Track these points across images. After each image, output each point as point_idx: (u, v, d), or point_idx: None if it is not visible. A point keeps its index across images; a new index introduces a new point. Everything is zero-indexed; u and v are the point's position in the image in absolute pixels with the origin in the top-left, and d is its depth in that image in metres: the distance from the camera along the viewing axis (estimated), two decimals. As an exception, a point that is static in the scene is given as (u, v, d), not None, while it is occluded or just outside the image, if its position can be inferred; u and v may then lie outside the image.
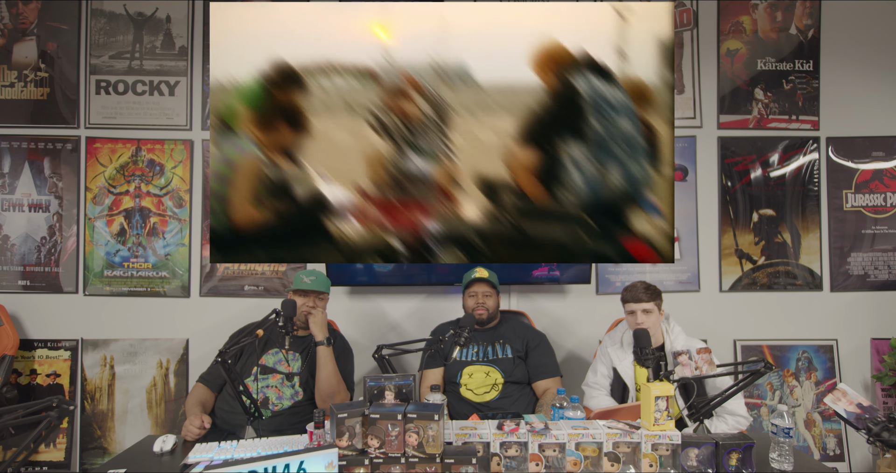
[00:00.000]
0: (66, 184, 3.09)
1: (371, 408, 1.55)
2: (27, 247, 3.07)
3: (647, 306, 2.25)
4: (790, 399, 3.13)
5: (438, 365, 2.53)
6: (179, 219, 3.11)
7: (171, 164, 3.11)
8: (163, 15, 3.13)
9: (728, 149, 3.19)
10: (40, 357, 3.05)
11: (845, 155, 3.21)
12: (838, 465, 3.05)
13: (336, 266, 2.94)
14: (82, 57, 3.11)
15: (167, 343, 3.09)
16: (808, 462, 1.92)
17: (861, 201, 3.20)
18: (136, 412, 3.06)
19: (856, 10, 3.20)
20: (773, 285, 3.18)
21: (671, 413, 1.69)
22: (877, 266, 3.18)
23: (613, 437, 1.65)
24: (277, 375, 2.27)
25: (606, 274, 3.17)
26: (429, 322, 2.90)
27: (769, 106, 3.20)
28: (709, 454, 1.65)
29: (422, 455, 1.52)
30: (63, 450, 3.01)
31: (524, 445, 1.63)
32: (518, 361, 2.49)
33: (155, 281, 3.09)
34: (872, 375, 3.12)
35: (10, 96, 3.10)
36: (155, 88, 3.12)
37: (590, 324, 3.08)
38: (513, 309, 3.03)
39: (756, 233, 3.19)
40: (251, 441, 1.84)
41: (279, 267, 3.12)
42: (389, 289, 3.12)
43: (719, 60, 3.21)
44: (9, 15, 3.10)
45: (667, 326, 2.36)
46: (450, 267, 2.97)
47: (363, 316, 3.12)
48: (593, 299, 3.15)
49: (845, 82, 3.20)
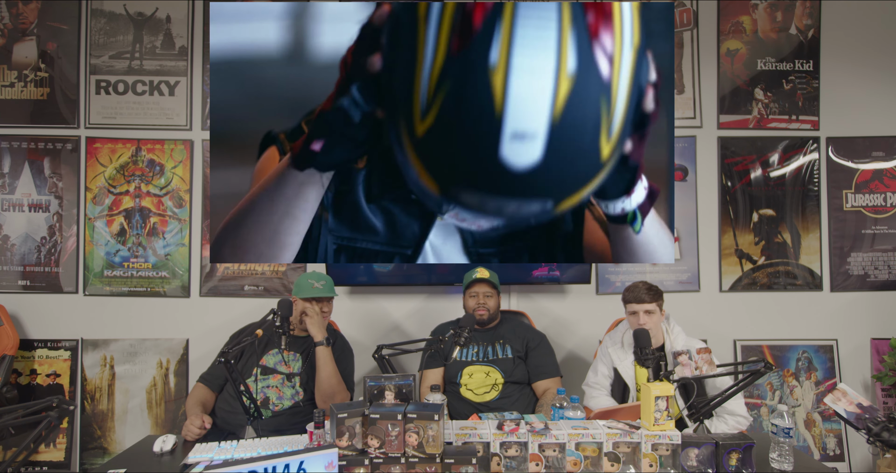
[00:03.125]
0: (66, 184, 3.09)
1: (371, 408, 1.56)
2: (27, 247, 3.07)
3: (649, 307, 2.25)
4: (790, 399, 3.13)
5: (438, 365, 2.53)
6: (179, 219, 3.11)
7: (171, 164, 3.11)
8: (163, 15, 3.13)
9: (728, 149, 3.19)
10: (40, 357, 3.05)
11: (845, 155, 3.21)
12: (838, 465, 3.05)
13: (336, 266, 2.94)
14: (82, 57, 3.11)
15: (167, 343, 3.09)
16: (808, 462, 1.92)
17: (861, 201, 3.20)
18: (136, 412, 3.06)
19: (856, 10, 3.20)
20: (773, 285, 3.18)
21: (671, 413, 1.69)
22: (877, 266, 3.18)
23: (613, 437, 1.65)
24: (278, 375, 2.27)
25: (606, 274, 3.17)
26: (429, 322, 2.90)
27: (769, 106, 3.20)
28: (709, 454, 1.65)
29: (422, 455, 1.52)
30: (63, 450, 3.01)
31: (524, 445, 1.63)
32: (518, 361, 2.49)
33: (155, 281, 3.09)
34: (872, 375, 3.12)
35: (10, 96, 3.10)
36: (155, 88, 3.12)
37: (590, 324, 3.08)
38: (513, 309, 3.03)
39: (756, 233, 3.19)
40: (251, 441, 1.84)
41: (279, 267, 3.12)
42: (390, 289, 3.12)
43: (719, 60, 3.21)
44: (9, 15, 3.10)
45: (667, 326, 2.36)
46: (450, 268, 2.97)
47: (363, 317, 3.12)
48: (593, 299, 3.15)
49: (845, 82, 3.20)
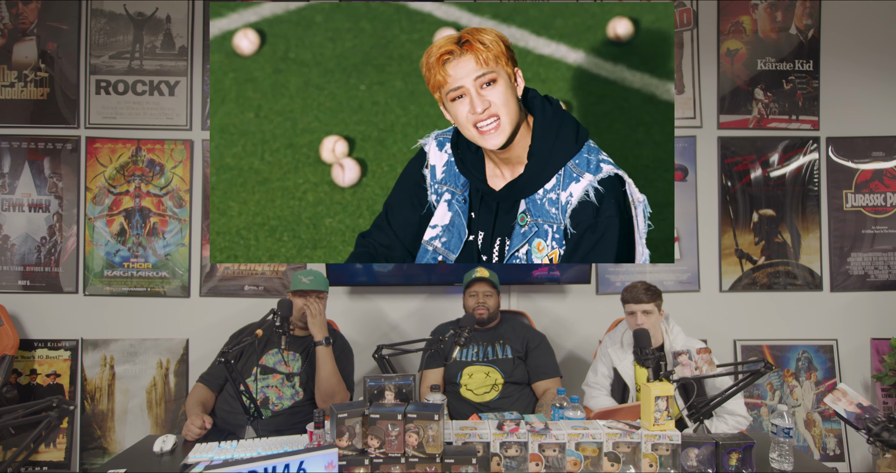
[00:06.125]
0: (66, 184, 3.09)
1: (371, 408, 1.55)
2: (27, 247, 3.07)
3: (647, 307, 2.25)
4: (790, 399, 3.13)
5: (438, 365, 2.53)
6: (179, 219, 3.11)
7: (171, 164, 3.11)
8: (163, 15, 3.13)
9: (728, 149, 3.19)
10: (40, 357, 3.05)
11: (845, 155, 3.21)
12: (838, 465, 3.05)
13: (336, 266, 2.94)
14: (82, 57, 3.11)
15: (167, 343, 3.09)
16: (808, 462, 1.92)
17: (861, 201, 3.20)
18: (136, 412, 3.06)
19: (856, 10, 3.20)
20: (773, 285, 3.18)
21: (671, 413, 1.69)
22: (877, 266, 3.18)
23: (613, 437, 1.65)
24: (277, 375, 2.27)
25: (606, 274, 3.17)
26: (429, 322, 2.90)
27: (769, 106, 3.20)
28: (709, 454, 1.65)
29: (422, 455, 1.52)
30: (63, 450, 3.01)
31: (524, 445, 1.63)
32: (518, 361, 2.49)
33: (155, 281, 3.09)
34: (872, 375, 3.12)
35: (10, 96, 3.10)
36: (155, 88, 3.12)
37: (590, 324, 3.07)
38: (513, 309, 3.02)
39: (756, 233, 3.19)
40: (251, 441, 1.84)
41: (279, 266, 3.12)
42: (389, 289, 3.12)
43: (719, 60, 3.21)
44: (9, 15, 3.10)
45: (666, 326, 2.36)
46: (450, 268, 2.97)
47: (363, 317, 3.12)
48: (593, 299, 3.15)
49: (845, 82, 3.20)
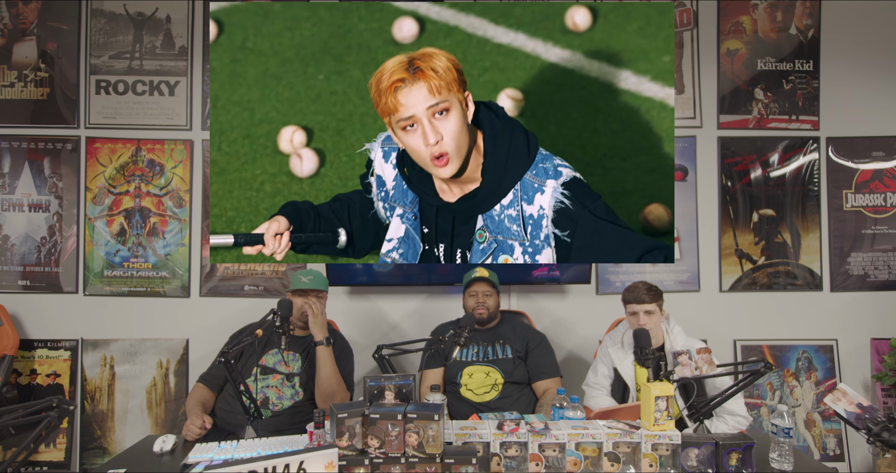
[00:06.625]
0: (66, 184, 3.09)
1: (371, 408, 1.55)
2: (27, 247, 3.07)
3: (649, 307, 2.25)
4: (790, 399, 3.13)
5: (438, 365, 2.53)
6: (179, 219, 3.11)
7: (171, 164, 3.11)
8: (163, 15, 3.13)
9: (728, 149, 3.19)
10: (40, 357, 3.05)
11: (845, 155, 3.21)
12: (838, 465, 3.05)
13: (336, 266, 2.94)
14: (82, 57, 3.11)
15: (167, 343, 3.09)
16: (808, 462, 1.92)
17: (861, 201, 3.20)
18: (136, 412, 3.06)
19: (856, 10, 3.20)
20: (773, 285, 3.18)
21: (671, 413, 1.69)
22: (877, 266, 3.18)
23: (613, 437, 1.65)
24: (277, 375, 2.27)
25: (606, 274, 3.17)
26: (429, 322, 2.90)
27: (769, 106, 3.20)
28: (709, 454, 1.65)
29: (422, 455, 1.52)
30: (63, 450, 3.01)
31: (524, 445, 1.63)
32: (518, 361, 2.49)
33: (155, 281, 3.09)
34: (872, 375, 3.12)
35: (10, 96, 3.10)
36: (155, 88, 3.12)
37: (590, 324, 3.07)
38: (513, 309, 3.02)
39: (756, 233, 3.19)
40: (251, 441, 1.84)
41: (279, 266, 3.12)
42: (389, 289, 3.12)
43: (719, 60, 3.21)
44: (9, 15, 3.10)
45: (667, 326, 2.36)
46: (450, 268, 2.97)
47: (363, 317, 3.12)
48: (593, 299, 3.15)
49: (845, 82, 3.20)
